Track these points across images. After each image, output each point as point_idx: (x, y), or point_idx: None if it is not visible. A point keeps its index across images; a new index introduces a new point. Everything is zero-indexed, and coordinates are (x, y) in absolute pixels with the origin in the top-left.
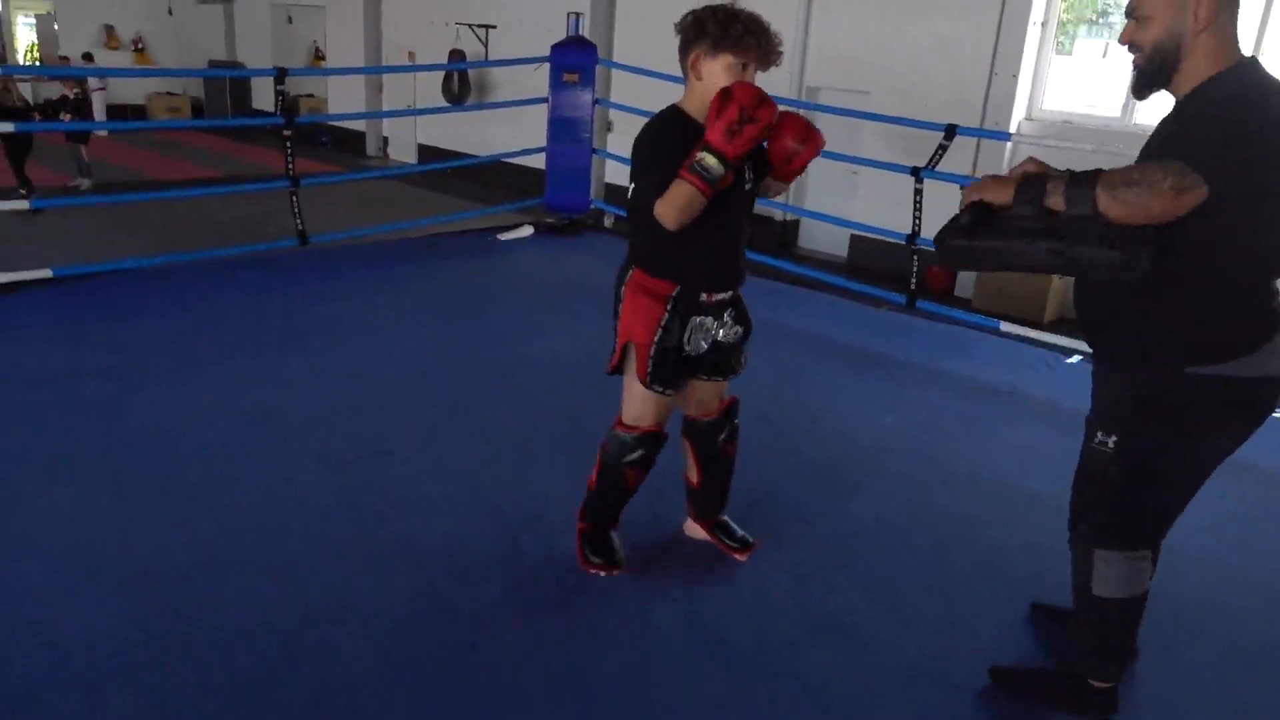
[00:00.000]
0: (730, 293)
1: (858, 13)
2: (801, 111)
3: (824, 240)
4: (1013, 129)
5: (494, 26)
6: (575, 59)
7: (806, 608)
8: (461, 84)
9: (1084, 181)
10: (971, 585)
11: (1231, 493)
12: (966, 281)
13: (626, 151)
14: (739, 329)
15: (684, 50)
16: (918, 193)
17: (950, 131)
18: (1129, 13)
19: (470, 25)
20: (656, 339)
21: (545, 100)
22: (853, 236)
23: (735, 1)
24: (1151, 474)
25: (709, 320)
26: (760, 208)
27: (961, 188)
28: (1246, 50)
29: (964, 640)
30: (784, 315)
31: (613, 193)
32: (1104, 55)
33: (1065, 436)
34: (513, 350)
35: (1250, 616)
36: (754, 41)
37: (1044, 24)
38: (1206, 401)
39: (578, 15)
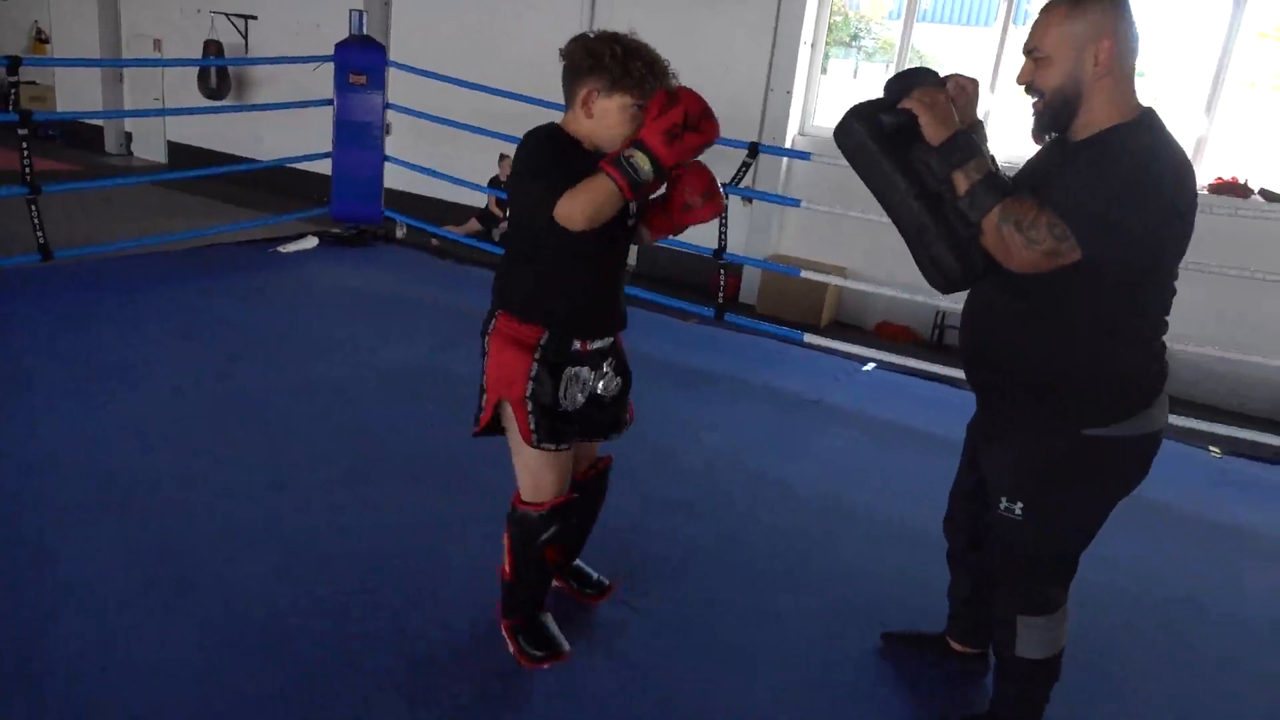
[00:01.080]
0: (609, 340)
1: (639, 27)
2: None
3: None
4: (788, 144)
5: (254, 17)
6: (363, 59)
7: (674, 655)
8: (220, 79)
9: (994, 190)
10: (821, 613)
11: None
12: (750, 288)
13: (406, 154)
14: (619, 380)
15: (572, 81)
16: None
17: (753, 150)
18: (1027, 51)
19: (227, 14)
20: (529, 393)
21: (330, 102)
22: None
23: (634, 32)
24: (1061, 536)
25: (585, 371)
26: None
27: (744, 201)
28: None
29: (840, 678)
30: None
31: (395, 199)
32: (855, 75)
33: (876, 445)
34: (313, 374)
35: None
36: (656, 85)
37: (812, 45)
38: (1105, 460)
39: (361, 13)
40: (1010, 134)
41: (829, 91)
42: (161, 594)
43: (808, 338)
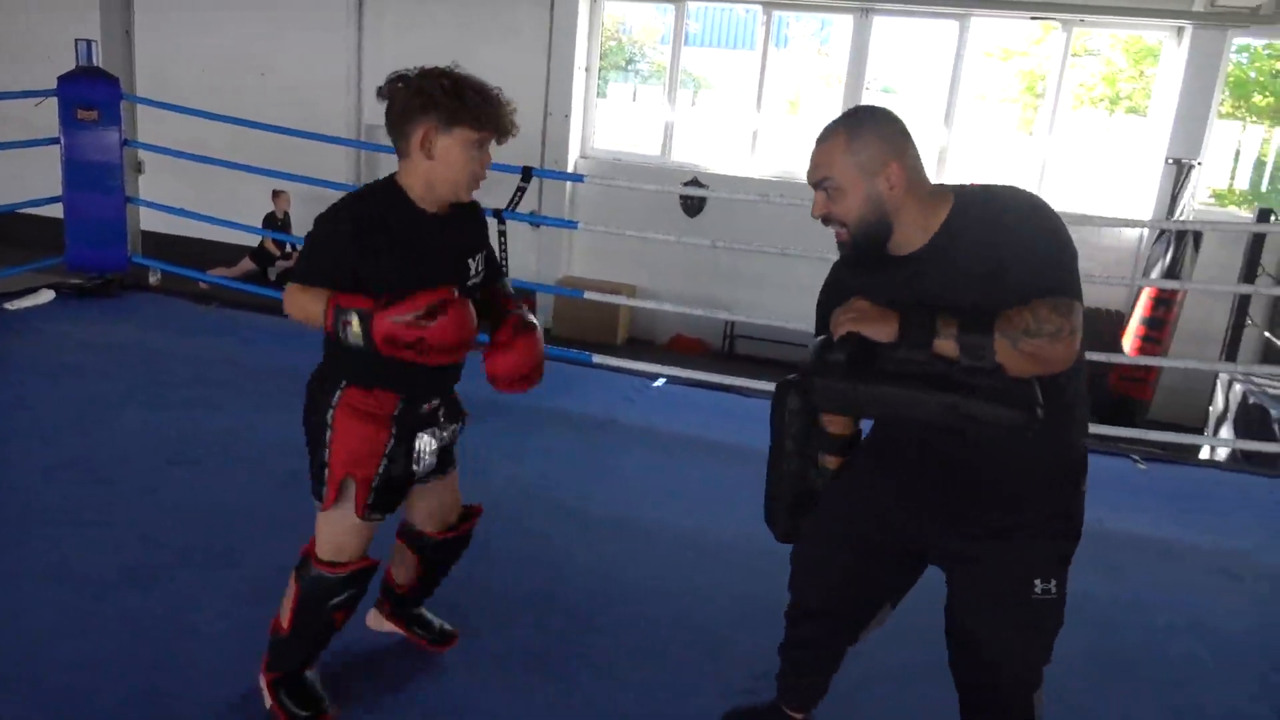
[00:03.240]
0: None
1: (409, 54)
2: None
3: None
4: (570, 167)
5: None
6: (92, 93)
7: (466, 701)
8: None
9: (979, 329)
10: (652, 652)
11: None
12: (544, 311)
13: (159, 196)
14: (456, 425)
15: (403, 122)
16: (502, 234)
17: (526, 174)
18: (816, 184)
19: None
20: (381, 470)
21: (56, 141)
22: None
23: (456, 65)
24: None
25: (433, 430)
26: None
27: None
28: None
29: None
30: None
31: (158, 243)
32: (634, 98)
33: (666, 458)
34: (55, 452)
35: None
36: (492, 113)
37: (587, 69)
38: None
39: (89, 43)
40: (777, 151)
41: (609, 114)
42: None
43: (596, 358)
